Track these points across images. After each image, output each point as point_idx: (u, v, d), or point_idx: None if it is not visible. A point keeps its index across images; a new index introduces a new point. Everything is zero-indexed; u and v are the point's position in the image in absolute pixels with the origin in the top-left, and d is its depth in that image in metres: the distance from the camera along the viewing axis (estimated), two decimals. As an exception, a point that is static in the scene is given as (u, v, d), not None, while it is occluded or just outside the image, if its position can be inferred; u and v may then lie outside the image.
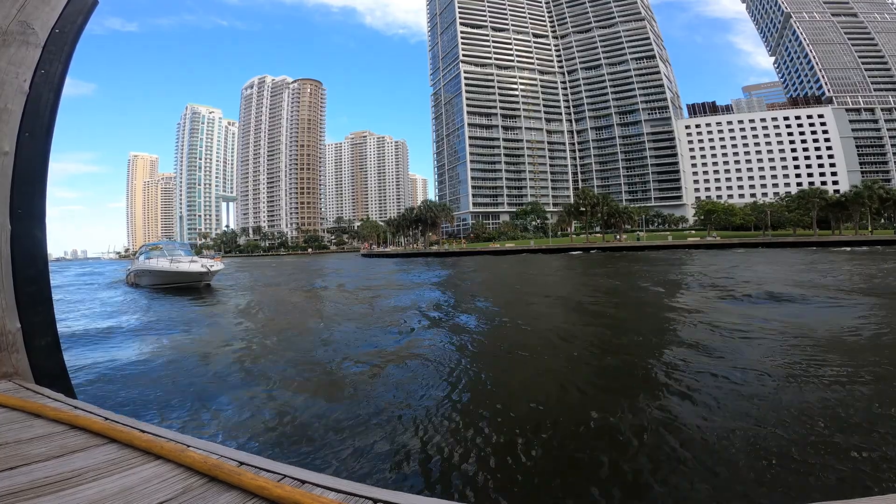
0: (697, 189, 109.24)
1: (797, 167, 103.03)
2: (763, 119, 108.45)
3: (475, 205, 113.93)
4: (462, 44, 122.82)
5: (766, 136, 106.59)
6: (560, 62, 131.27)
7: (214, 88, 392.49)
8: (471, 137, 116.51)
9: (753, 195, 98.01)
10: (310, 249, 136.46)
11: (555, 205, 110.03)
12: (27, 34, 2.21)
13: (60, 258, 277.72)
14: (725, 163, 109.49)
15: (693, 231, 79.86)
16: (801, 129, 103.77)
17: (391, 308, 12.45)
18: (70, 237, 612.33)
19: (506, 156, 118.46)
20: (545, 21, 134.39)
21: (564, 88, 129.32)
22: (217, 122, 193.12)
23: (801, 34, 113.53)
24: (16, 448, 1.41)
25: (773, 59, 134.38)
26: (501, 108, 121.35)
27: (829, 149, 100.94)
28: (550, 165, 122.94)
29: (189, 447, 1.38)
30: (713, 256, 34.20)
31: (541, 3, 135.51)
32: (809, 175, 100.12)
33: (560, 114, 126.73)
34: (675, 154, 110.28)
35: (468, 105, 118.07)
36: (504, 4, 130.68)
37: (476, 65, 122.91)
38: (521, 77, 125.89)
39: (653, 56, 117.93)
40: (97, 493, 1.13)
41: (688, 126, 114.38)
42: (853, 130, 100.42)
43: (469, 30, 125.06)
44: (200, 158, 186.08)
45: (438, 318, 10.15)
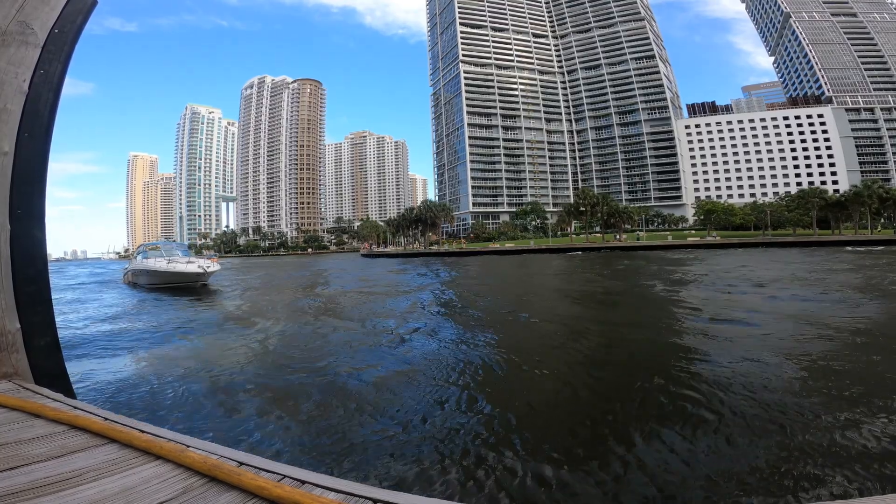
0: (697, 189, 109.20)
1: (797, 167, 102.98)
2: (763, 119, 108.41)
3: (475, 205, 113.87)
4: (462, 44, 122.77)
5: (766, 136, 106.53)
6: (560, 62, 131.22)
7: (214, 88, 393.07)
8: (471, 137, 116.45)
9: (753, 195, 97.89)
10: (310, 249, 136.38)
11: (555, 205, 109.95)
12: (26, 34, 2.21)
13: (60, 258, 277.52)
14: (725, 163, 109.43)
15: (693, 231, 79.83)
16: (801, 129, 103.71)
17: (399, 312, 12.40)
18: (70, 237, 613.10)
19: (506, 156, 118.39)
20: (545, 21, 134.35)
21: (564, 88, 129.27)
22: (217, 122, 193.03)
23: (801, 34, 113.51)
24: (16, 448, 1.41)
25: (773, 59, 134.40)
26: (501, 108, 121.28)
27: (829, 149, 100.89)
28: (550, 165, 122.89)
29: (189, 447, 1.39)
30: (723, 256, 33.67)
31: (540, 3, 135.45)
32: (809, 175, 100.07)
33: (560, 114, 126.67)
34: (675, 154, 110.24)
35: (468, 105, 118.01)
36: (504, 4, 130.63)
37: (476, 65, 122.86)
38: (521, 77, 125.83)
39: (652, 56, 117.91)
40: (97, 494, 1.13)
41: (688, 126, 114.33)
42: (853, 130, 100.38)
43: (469, 30, 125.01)
44: (200, 158, 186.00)
45: (444, 324, 10.10)
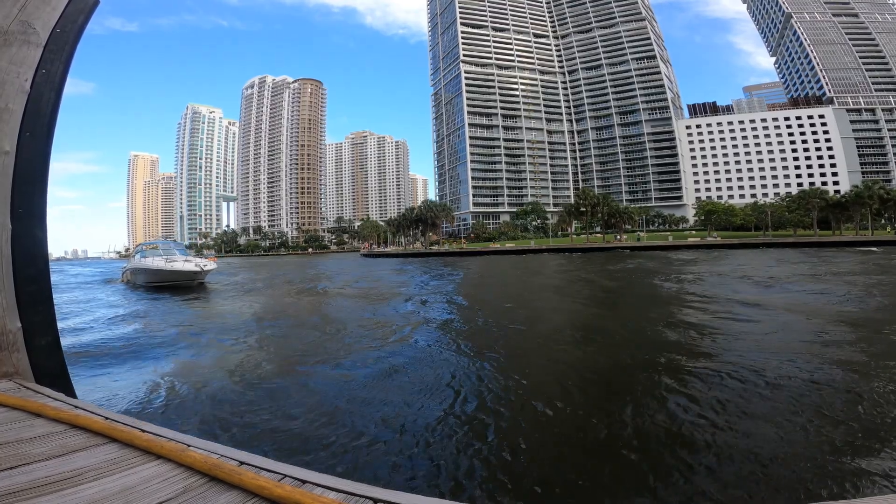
0: (698, 189, 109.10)
1: (797, 167, 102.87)
2: (763, 119, 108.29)
3: (475, 205, 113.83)
4: (462, 44, 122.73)
5: (767, 137, 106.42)
6: (560, 62, 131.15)
7: (214, 88, 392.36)
8: (471, 137, 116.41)
9: (754, 195, 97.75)
10: (310, 249, 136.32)
11: (555, 205, 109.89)
12: (28, 34, 2.20)
13: (61, 258, 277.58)
14: (726, 163, 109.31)
15: (693, 231, 79.80)
16: (802, 130, 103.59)
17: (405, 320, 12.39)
18: (70, 237, 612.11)
19: (506, 156, 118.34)
20: (546, 21, 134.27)
21: (565, 88, 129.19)
22: (217, 122, 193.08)
23: (802, 34, 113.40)
24: (16, 447, 1.42)
25: (774, 60, 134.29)
26: (502, 108, 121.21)
27: (830, 149, 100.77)
28: (551, 165, 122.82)
29: (189, 447, 1.39)
30: (729, 258, 33.78)
31: (541, 4, 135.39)
32: (810, 175, 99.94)
33: (560, 114, 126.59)
34: (676, 154, 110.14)
35: (469, 105, 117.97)
36: (504, 4, 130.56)
37: (477, 65, 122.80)
38: (522, 77, 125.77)
39: (653, 56, 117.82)
40: (98, 493, 1.13)
41: (688, 126, 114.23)
42: (854, 131, 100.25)
43: (469, 30, 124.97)
44: (201, 158, 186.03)
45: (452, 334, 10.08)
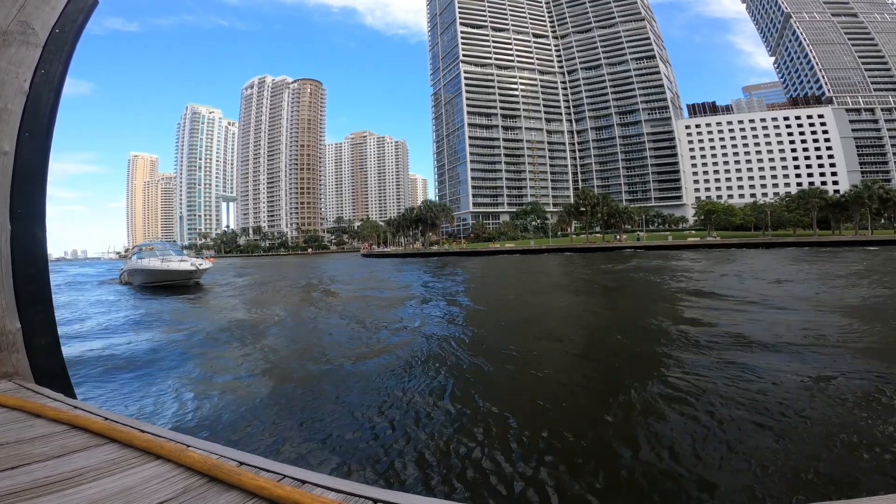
0: (697, 189, 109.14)
1: (797, 167, 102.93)
2: (763, 119, 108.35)
3: (475, 205, 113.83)
4: (462, 44, 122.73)
5: (766, 136, 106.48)
6: (560, 62, 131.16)
7: (214, 88, 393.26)
8: (471, 137, 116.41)
9: (753, 195, 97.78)
10: (310, 249, 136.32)
11: (555, 205, 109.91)
12: (27, 34, 2.20)
13: (60, 258, 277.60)
14: (725, 163, 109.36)
15: (693, 231, 79.83)
16: (801, 129, 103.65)
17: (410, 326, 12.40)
18: (70, 237, 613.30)
19: (506, 156, 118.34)
20: (545, 21, 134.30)
21: (564, 88, 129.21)
22: (217, 122, 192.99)
23: (802, 34, 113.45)
24: (16, 448, 1.41)
25: (773, 60, 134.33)
26: (501, 108, 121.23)
27: (829, 149, 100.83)
28: (550, 165, 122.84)
29: (189, 447, 1.39)
30: (732, 259, 33.74)
31: (541, 4, 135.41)
32: (809, 175, 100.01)
33: (560, 114, 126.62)
34: (675, 154, 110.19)
35: (468, 105, 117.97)
36: (504, 4, 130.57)
37: (476, 65, 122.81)
38: (521, 77, 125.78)
39: (653, 56, 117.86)
40: (97, 493, 1.13)
41: (688, 126, 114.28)
42: (853, 130, 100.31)
43: (469, 30, 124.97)
44: (200, 158, 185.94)
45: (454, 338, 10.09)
